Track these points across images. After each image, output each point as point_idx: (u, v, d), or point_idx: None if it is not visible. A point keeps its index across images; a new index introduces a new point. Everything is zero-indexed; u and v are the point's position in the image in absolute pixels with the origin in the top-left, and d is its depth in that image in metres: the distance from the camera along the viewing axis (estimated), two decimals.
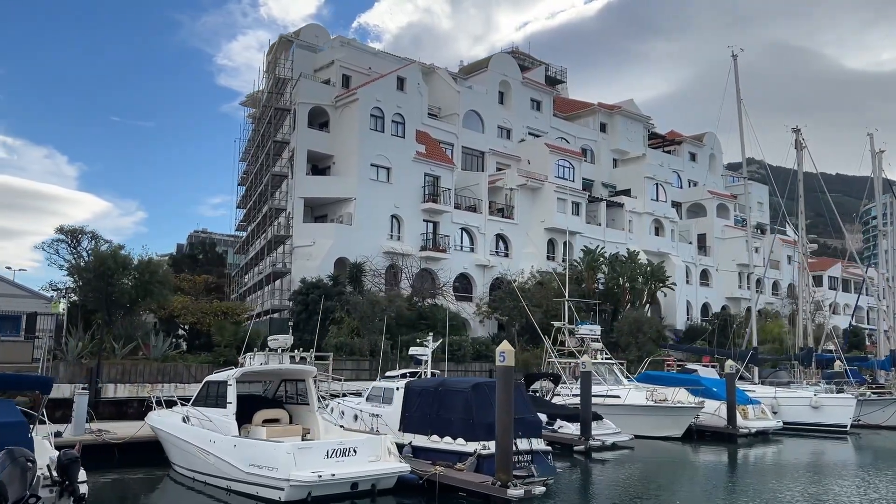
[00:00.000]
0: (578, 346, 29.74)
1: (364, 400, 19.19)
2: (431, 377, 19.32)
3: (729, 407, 26.87)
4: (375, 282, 42.37)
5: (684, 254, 67.47)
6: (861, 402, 30.95)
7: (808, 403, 29.99)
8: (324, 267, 41.86)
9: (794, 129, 39.59)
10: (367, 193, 45.03)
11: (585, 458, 21.65)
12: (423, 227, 48.03)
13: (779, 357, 41.08)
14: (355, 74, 49.12)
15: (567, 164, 57.88)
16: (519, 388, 17.45)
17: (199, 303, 33.98)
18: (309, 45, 51.29)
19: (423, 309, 41.69)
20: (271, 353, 15.79)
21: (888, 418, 32.01)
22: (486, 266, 50.74)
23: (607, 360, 29.55)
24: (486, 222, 51.73)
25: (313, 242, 43.16)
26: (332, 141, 46.86)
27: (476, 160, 56.46)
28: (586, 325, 30.18)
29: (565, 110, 68.47)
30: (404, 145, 47.49)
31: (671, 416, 25.90)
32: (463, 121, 55.78)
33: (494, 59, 59.16)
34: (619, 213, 62.40)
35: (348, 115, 46.32)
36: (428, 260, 47.17)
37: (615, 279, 52.23)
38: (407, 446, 16.40)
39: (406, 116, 47.94)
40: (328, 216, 46.39)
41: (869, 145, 44.34)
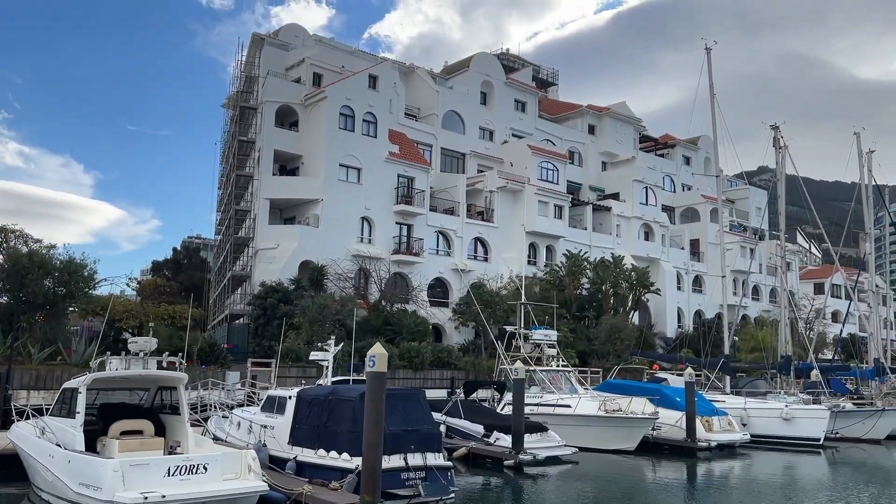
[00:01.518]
0: (532, 352, 28.02)
1: (259, 410, 17.60)
2: (325, 385, 17.69)
3: (688, 418, 25.05)
4: (341, 286, 40.86)
5: (676, 259, 65.54)
6: (836, 413, 29.01)
7: (779, 415, 28.11)
8: (287, 270, 40.43)
9: (772, 126, 37.76)
10: (335, 194, 43.54)
11: (516, 473, 19.94)
12: (396, 230, 46.48)
13: (753, 365, 39.09)
14: (327, 73, 47.72)
15: (551, 167, 56.18)
16: (416, 396, 15.85)
17: (147, 306, 32.55)
18: (281, 44, 49.97)
19: (389, 314, 40.11)
20: (132, 357, 14.25)
21: (868, 431, 30.05)
22: (464, 270, 49.07)
23: (563, 367, 27.82)
24: (463, 225, 50.12)
25: (277, 245, 41.71)
26: (301, 141, 45.47)
27: (456, 162, 54.94)
28: (541, 329, 28.46)
29: (554, 112, 66.87)
30: (376, 145, 45.99)
31: (624, 428, 24.14)
32: (442, 122, 54.30)
33: (476, 59, 57.66)
34: (607, 216, 60.63)
35: (317, 114, 44.94)
36: (400, 264, 45.60)
37: (598, 284, 50.55)
38: (291, 461, 14.82)
39: (378, 116, 46.47)
40: (296, 218, 44.98)
41: (856, 146, 42.37)
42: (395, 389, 16.98)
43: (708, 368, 33.78)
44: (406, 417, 14.62)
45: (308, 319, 31.01)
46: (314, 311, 31.32)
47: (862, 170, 42.49)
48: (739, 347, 52.59)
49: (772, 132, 37.09)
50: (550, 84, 76.86)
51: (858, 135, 42.37)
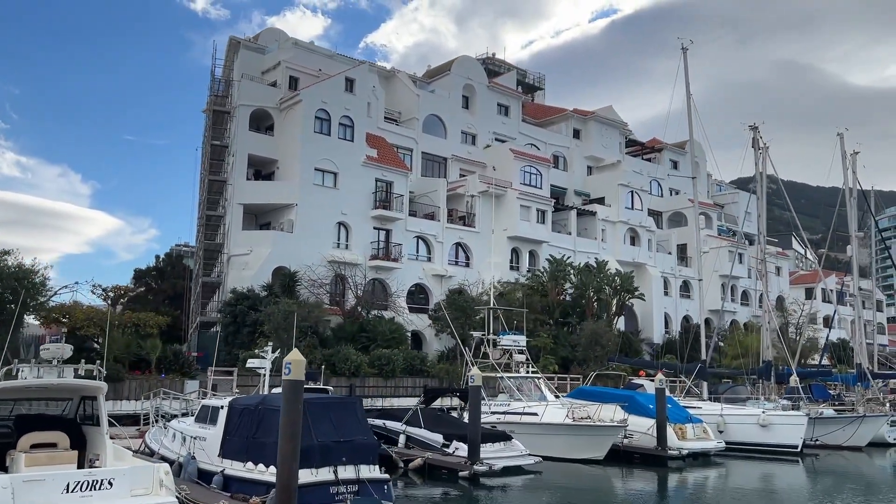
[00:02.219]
0: (501, 358, 27.20)
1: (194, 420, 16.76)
2: (257, 394, 16.87)
3: (658, 426, 24.26)
4: (316, 292, 40.03)
5: (663, 264, 64.80)
6: (814, 420, 28.21)
7: (756, 422, 27.30)
8: (260, 277, 39.59)
9: (751, 126, 37.10)
10: (310, 199, 42.74)
11: (471, 484, 19.10)
12: (374, 235, 45.69)
13: (730, 371, 38.28)
14: (304, 76, 47.00)
15: (534, 171, 55.47)
16: (351, 405, 15.03)
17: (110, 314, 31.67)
18: (258, 48, 49.29)
19: (364, 321, 39.28)
20: (44, 365, 13.40)
21: (849, 438, 29.25)
22: (444, 276, 48.28)
23: (533, 374, 27.00)
24: (444, 230, 49.32)
25: (250, 251, 40.87)
26: (277, 145, 44.73)
27: (437, 166, 54.22)
28: (509, 335, 27.65)
29: (539, 116, 66.24)
30: (353, 149, 45.25)
31: (591, 437, 23.32)
32: (423, 126, 53.60)
33: (457, 62, 57.02)
34: (592, 221, 59.89)
35: (292, 118, 44.21)
36: (378, 270, 44.79)
37: (582, 290, 49.76)
38: (218, 475, 13.98)
39: (355, 119, 45.74)
40: (272, 224, 44.19)
41: (839, 146, 41.70)
42: (327, 398, 16.14)
43: (684, 374, 33.00)
44: (338, 428, 13.80)
45: (273, 326, 30.18)
46: (279, 317, 30.48)
47: (846, 171, 41.82)
48: (726, 353, 51.88)
49: (751, 133, 36.39)
50: (537, 88, 76.31)
51: (842, 136, 41.74)
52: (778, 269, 79.75)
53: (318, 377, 23.39)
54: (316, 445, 12.85)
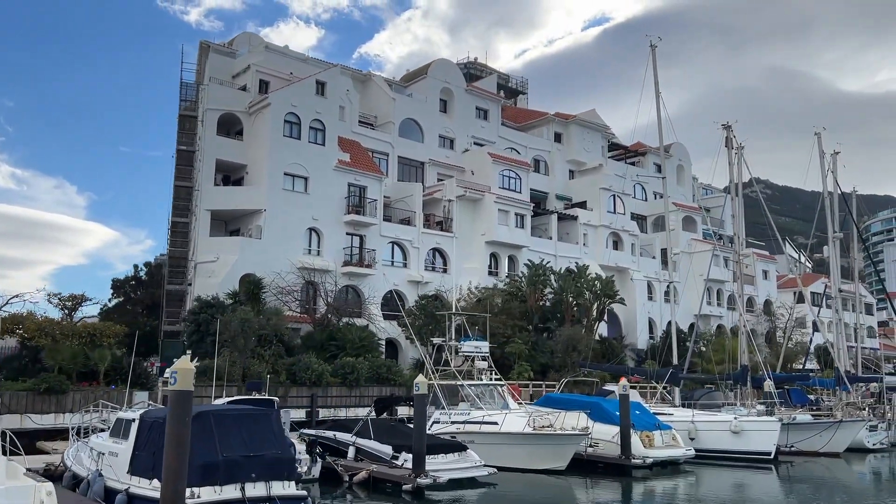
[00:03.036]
0: (462, 365, 26.23)
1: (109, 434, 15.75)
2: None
3: (622, 433, 23.30)
4: (285, 299, 39.03)
5: (647, 268, 63.95)
6: (788, 426, 27.27)
7: (727, 428, 26.35)
8: (226, 284, 38.51)
9: (724, 125, 36.30)
10: (279, 204, 41.79)
11: (415, 498, 18.10)
12: (347, 241, 44.73)
13: (703, 376, 37.33)
14: (275, 80, 46.12)
15: (513, 175, 54.64)
16: (265, 416, 14.03)
17: (62, 324, 30.62)
18: (228, 52, 48.42)
19: (334, 329, 38.25)
20: None
21: (826, 444, 28.32)
22: (420, 282, 47.32)
23: (496, 381, 26.02)
24: (420, 235, 48.40)
25: (216, 258, 39.88)
26: (246, 150, 43.81)
27: (415, 171, 53.34)
28: (470, 341, 26.68)
29: (520, 120, 65.44)
30: (325, 153, 44.33)
31: (552, 446, 22.34)
32: (400, 130, 52.75)
33: (434, 66, 56.22)
34: (574, 226, 59.08)
35: (261, 122, 43.31)
36: (351, 276, 43.81)
37: (561, 295, 48.82)
38: (122, 494, 12.98)
39: (327, 123, 44.83)
40: (241, 230, 43.22)
41: (816, 146, 40.88)
42: (237, 409, 15.13)
43: (656, 380, 32.06)
44: (250, 441, 12.82)
45: (230, 335, 29.15)
46: (235, 325, 29.45)
47: (824, 171, 41.02)
48: (709, 358, 50.95)
49: (724, 132, 35.59)
50: (519, 93, 75.63)
51: (819, 135, 40.96)
52: (765, 273, 78.96)
53: (262, 387, 22.35)
54: (220, 461, 11.89)
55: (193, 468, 11.94)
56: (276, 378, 29.49)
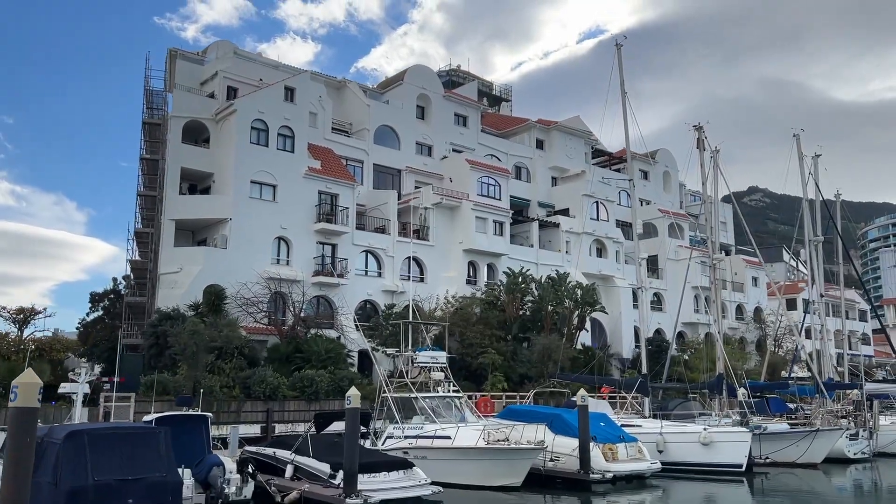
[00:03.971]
0: (417, 376, 25.03)
1: None
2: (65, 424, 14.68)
3: (581, 446, 22.08)
4: (251, 311, 37.84)
5: (632, 276, 62.62)
6: (760, 436, 26.04)
7: (697, 440, 25.12)
8: (190, 295, 37.32)
9: (695, 126, 35.31)
10: (245, 213, 40.68)
11: None
12: (318, 250, 43.59)
13: (675, 385, 36.10)
14: (243, 86, 45.16)
15: (492, 182, 53.58)
16: (148, 436, 12.81)
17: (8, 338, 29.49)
18: (197, 59, 47.51)
19: (300, 341, 37.05)
20: None
21: (802, 454, 27.08)
22: (395, 292, 46.12)
23: (454, 393, 24.81)
24: (394, 244, 47.24)
25: (180, 269, 38.73)
26: (212, 158, 42.74)
27: (391, 178, 52.28)
28: (426, 351, 25.48)
29: (501, 127, 64.58)
30: (294, 160, 43.26)
31: (507, 461, 21.12)
32: (375, 137, 51.76)
33: (410, 72, 55.31)
34: (556, 233, 58.00)
35: (227, 129, 42.27)
36: (322, 286, 42.64)
37: (540, 303, 47.66)
38: None
39: (296, 129, 43.79)
40: (207, 240, 42.07)
41: (795, 148, 39.84)
42: (117, 427, 13.91)
43: (625, 389, 30.88)
44: (127, 464, 11.61)
45: (180, 347, 27.98)
46: (185, 338, 28.26)
47: (803, 173, 39.99)
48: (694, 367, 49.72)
49: (695, 133, 34.57)
50: (502, 100, 74.77)
51: (798, 137, 39.96)
52: (755, 280, 77.85)
53: (192, 402, 21.14)
54: (90, 486, 10.72)
55: (60, 493, 10.78)
56: (229, 392, 28.31)
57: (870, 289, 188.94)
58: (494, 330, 44.50)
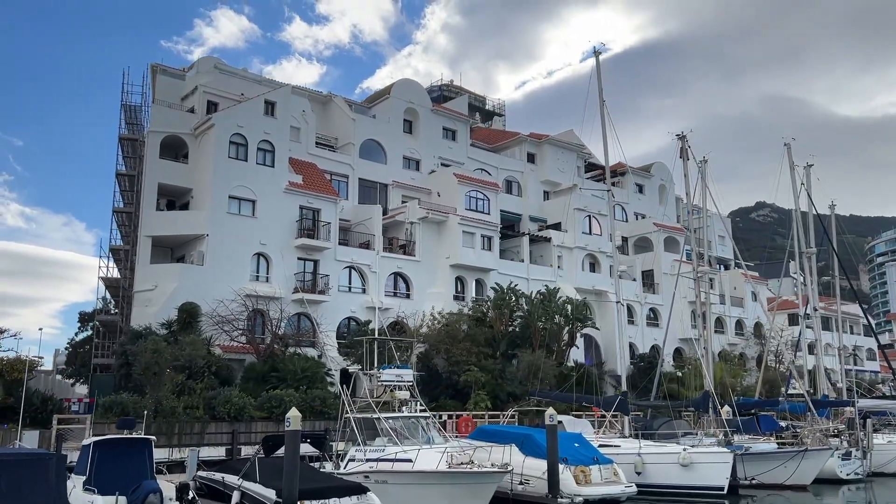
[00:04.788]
0: (381, 395, 23.91)
1: None
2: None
3: (550, 469, 20.90)
4: (226, 329, 36.87)
5: (627, 291, 61.43)
6: (742, 457, 24.78)
7: (676, 461, 23.88)
8: (164, 313, 36.39)
9: (678, 135, 34.38)
10: (223, 229, 39.83)
11: None
12: (299, 266, 42.66)
13: (657, 403, 34.78)
14: (224, 101, 44.46)
15: (481, 196, 52.70)
16: (39, 461, 11.77)
17: None
18: (178, 74, 46.95)
19: (277, 360, 36.01)
20: None
21: (791, 475, 25.79)
22: (380, 308, 44.99)
23: (421, 413, 23.67)
24: (379, 260, 46.29)
25: (154, 286, 37.83)
26: (191, 173, 42.01)
27: (377, 193, 51.39)
28: (390, 369, 24.37)
29: (492, 141, 63.76)
30: (274, 175, 42.50)
31: (469, 485, 19.89)
32: (361, 151, 50.98)
33: (397, 86, 54.61)
34: (547, 248, 56.94)
35: (206, 144, 41.54)
36: (303, 303, 41.69)
37: (529, 319, 46.51)
38: None
39: (276, 144, 43.06)
40: (185, 257, 41.22)
41: (786, 157, 38.77)
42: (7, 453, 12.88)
43: (604, 407, 29.67)
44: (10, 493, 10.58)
45: (141, 367, 26.99)
46: (146, 357, 27.27)
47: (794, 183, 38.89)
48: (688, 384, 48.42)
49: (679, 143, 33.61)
50: (495, 115, 74.08)
51: (789, 146, 38.94)
52: (755, 295, 76.41)
53: (135, 424, 20.07)
54: None
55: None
56: (192, 413, 27.26)
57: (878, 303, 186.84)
58: (482, 347, 43.38)
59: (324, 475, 19.50)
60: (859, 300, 45.77)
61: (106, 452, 17.83)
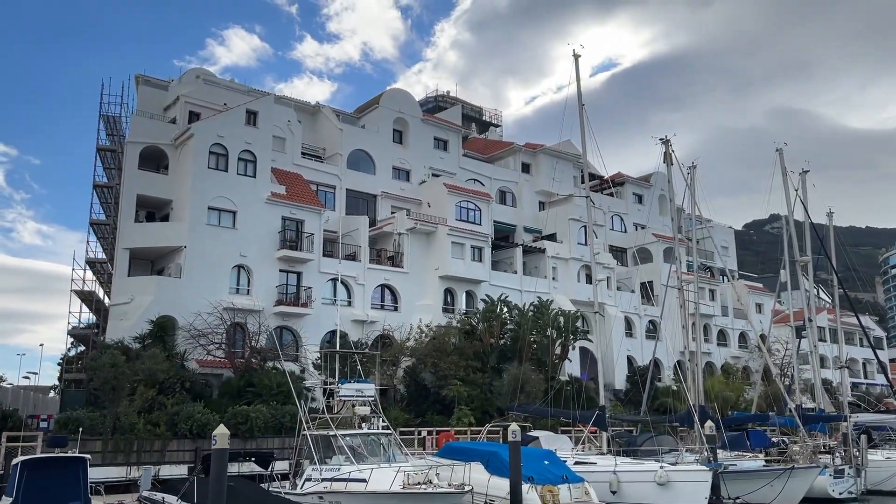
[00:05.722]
0: (339, 411, 22.80)
1: None
2: None
3: (512, 489, 19.68)
4: (202, 342, 35.94)
5: (624, 303, 60.21)
6: (722, 475, 23.43)
7: (652, 479, 22.58)
8: (139, 327, 35.55)
9: (661, 139, 33.28)
10: (201, 241, 38.97)
11: None
12: (281, 279, 41.73)
13: (637, 418, 33.40)
14: (206, 111, 43.77)
15: (472, 206, 51.72)
16: None
17: None
18: (161, 84, 46.38)
19: (252, 374, 34.98)
20: None
21: (777, 495, 24.41)
22: (366, 321, 44.12)
23: (382, 431, 22.51)
24: (365, 271, 45.33)
25: (131, 299, 36.97)
26: (171, 184, 41.25)
27: (366, 204, 50.51)
28: (350, 383, 23.26)
29: (487, 151, 62.85)
30: (255, 186, 41.68)
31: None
32: (350, 162, 50.16)
33: (387, 95, 53.85)
34: (542, 259, 55.77)
35: (185, 155, 40.82)
36: (285, 316, 40.76)
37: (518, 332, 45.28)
38: None
39: (258, 154, 42.27)
40: (165, 270, 40.39)
41: (778, 163, 37.54)
42: None
43: (581, 422, 28.40)
44: None
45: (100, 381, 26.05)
46: (105, 371, 26.34)
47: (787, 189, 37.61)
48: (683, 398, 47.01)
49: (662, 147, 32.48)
50: (491, 125, 73.21)
51: (781, 151, 37.69)
52: (759, 307, 74.90)
53: (66, 442, 19.07)
54: None
55: None
56: (153, 430, 26.26)
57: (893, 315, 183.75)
58: (470, 361, 42.28)
59: (267, 497, 18.41)
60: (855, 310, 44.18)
61: (35, 472, 16.92)
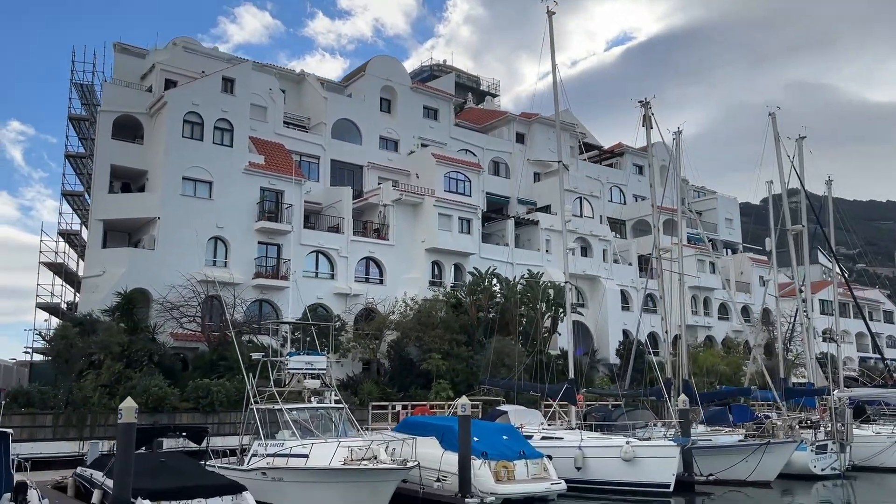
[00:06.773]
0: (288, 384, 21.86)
1: None
2: None
3: (461, 465, 18.70)
4: (175, 315, 35.14)
5: (622, 276, 58.95)
6: (692, 450, 22.32)
7: (618, 455, 21.52)
8: (111, 300, 34.69)
9: (641, 101, 31.80)
10: (176, 212, 38.01)
11: None
12: (260, 251, 40.78)
13: (603, 391, 32.26)
14: (183, 79, 42.55)
15: (461, 177, 50.39)
16: None
17: None
18: (138, 52, 45.20)
19: (224, 348, 34.14)
20: None
21: (753, 471, 23.32)
22: (349, 294, 43.15)
23: (333, 405, 21.55)
24: (349, 244, 44.26)
25: (102, 272, 36.17)
26: (146, 154, 40.29)
27: (352, 174, 49.33)
28: (298, 356, 22.29)
29: (480, 121, 61.29)
30: (232, 155, 40.58)
31: (367, 484, 17.74)
32: (334, 131, 48.92)
33: (373, 63, 52.37)
34: (535, 231, 54.47)
35: (160, 124, 39.74)
36: (264, 289, 39.84)
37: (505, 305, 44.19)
38: None
39: (235, 123, 41.10)
40: (141, 242, 39.54)
41: (771, 128, 35.91)
42: None
43: (550, 396, 27.35)
44: None
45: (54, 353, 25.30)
46: (60, 345, 25.53)
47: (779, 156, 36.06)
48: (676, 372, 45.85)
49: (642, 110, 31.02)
50: (488, 94, 71.55)
51: (773, 115, 36.09)
52: (761, 279, 73.20)
53: None
54: None
55: None
56: (108, 404, 25.51)
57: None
58: (456, 334, 41.31)
59: (196, 473, 17.48)
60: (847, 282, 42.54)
61: None
